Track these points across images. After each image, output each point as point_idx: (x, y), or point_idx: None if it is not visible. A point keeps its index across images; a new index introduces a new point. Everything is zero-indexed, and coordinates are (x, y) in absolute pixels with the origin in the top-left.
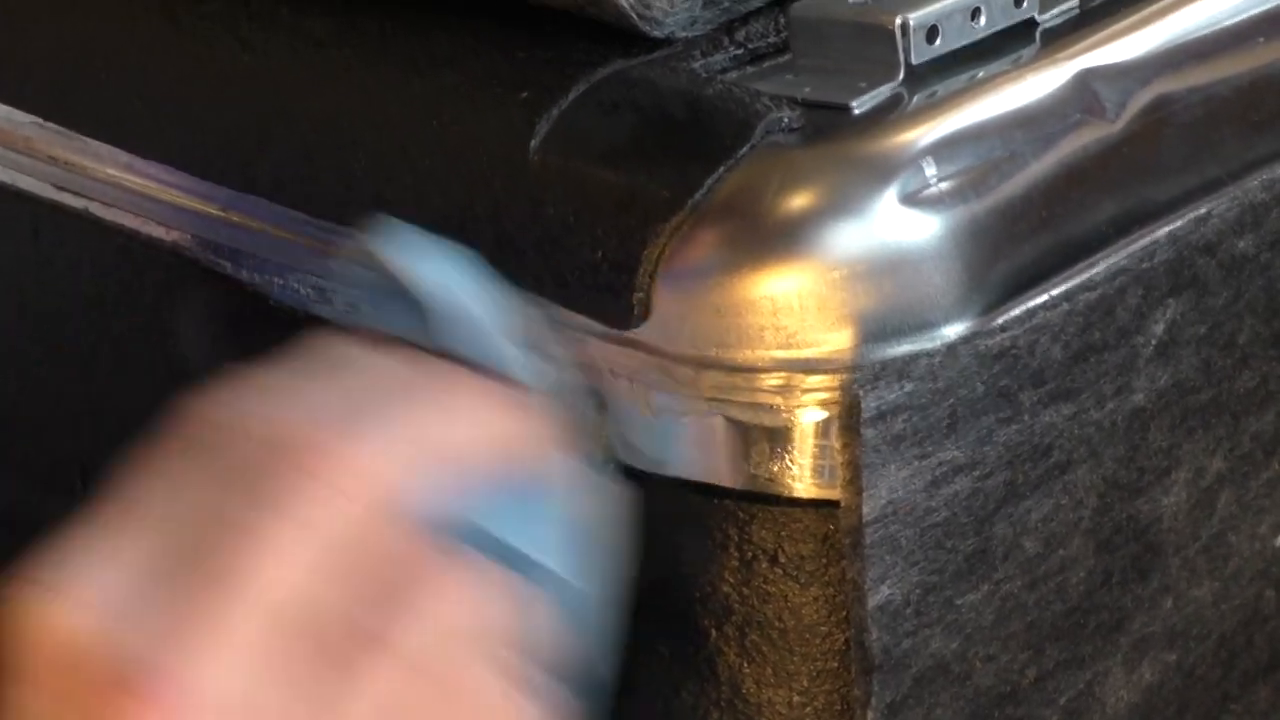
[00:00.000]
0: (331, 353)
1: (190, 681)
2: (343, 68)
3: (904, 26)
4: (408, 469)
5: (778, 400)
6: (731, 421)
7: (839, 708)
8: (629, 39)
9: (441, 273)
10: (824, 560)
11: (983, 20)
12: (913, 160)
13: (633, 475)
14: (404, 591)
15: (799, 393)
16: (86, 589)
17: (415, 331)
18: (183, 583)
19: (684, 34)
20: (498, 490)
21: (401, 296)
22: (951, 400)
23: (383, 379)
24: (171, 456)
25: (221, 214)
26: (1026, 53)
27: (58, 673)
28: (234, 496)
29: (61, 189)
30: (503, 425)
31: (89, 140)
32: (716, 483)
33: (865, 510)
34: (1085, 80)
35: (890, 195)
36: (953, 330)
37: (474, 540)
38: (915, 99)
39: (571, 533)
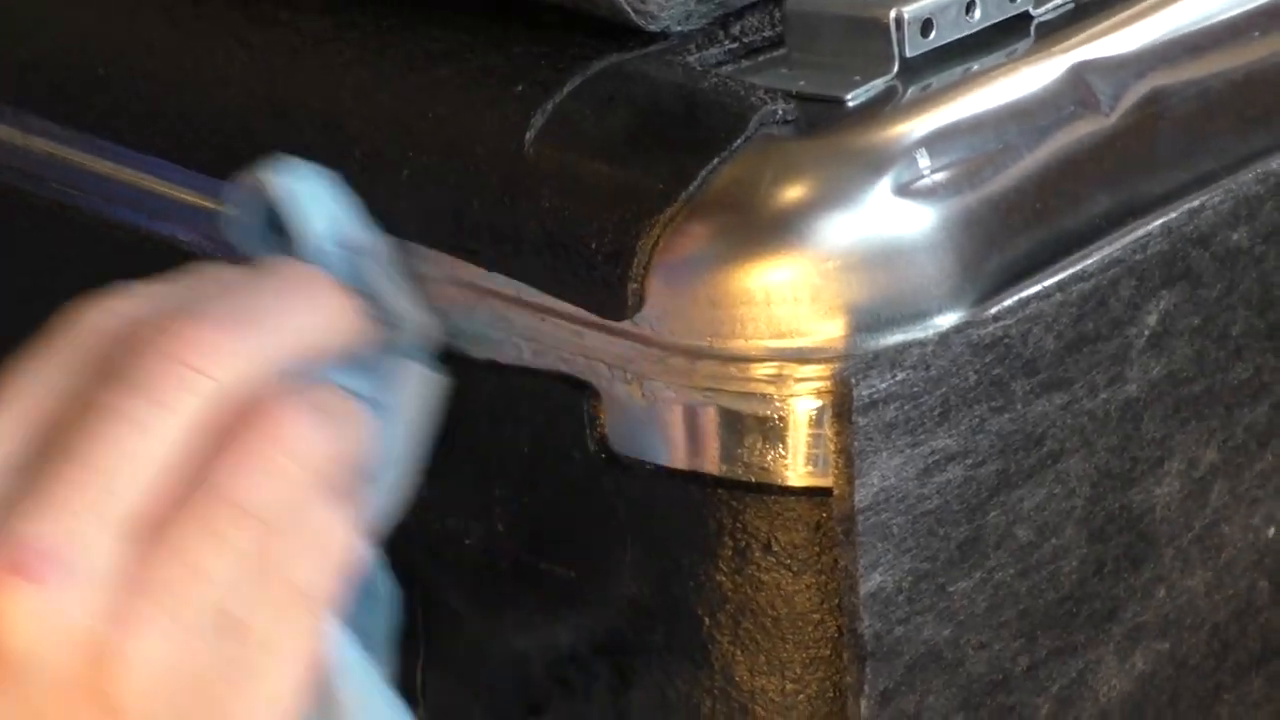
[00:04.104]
0: (195, 271)
1: (66, 556)
2: (339, 64)
3: (898, 20)
4: (254, 347)
5: (771, 390)
6: (725, 411)
7: (831, 695)
8: (624, 33)
9: (306, 195)
10: (817, 548)
11: (977, 13)
12: (906, 152)
13: (626, 464)
14: (256, 447)
15: (792, 382)
16: None
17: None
18: (53, 464)
19: (679, 28)
20: (331, 359)
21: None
22: (944, 389)
23: (231, 280)
24: (45, 354)
25: (219, 208)
26: (1021, 46)
27: None
28: (97, 382)
29: (58, 186)
30: (331, 309)
31: (86, 137)
32: (710, 471)
33: (857, 498)
34: (1079, 73)
35: (884, 187)
36: (946, 320)
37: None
38: (909, 91)
39: (389, 387)
